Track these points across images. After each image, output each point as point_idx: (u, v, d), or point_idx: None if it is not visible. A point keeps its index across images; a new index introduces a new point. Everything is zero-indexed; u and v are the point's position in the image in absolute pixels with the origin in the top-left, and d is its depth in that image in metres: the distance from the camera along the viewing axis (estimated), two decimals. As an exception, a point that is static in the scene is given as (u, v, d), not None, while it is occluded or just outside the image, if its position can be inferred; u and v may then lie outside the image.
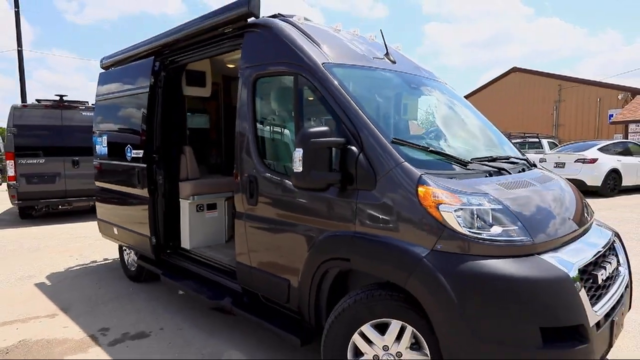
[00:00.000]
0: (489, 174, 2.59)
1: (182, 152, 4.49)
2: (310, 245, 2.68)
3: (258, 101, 3.16)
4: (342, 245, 2.51)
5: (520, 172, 2.91)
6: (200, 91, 4.92)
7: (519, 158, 3.21)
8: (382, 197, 2.34)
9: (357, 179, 2.41)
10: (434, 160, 2.53)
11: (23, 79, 17.60)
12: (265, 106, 3.22)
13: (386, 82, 3.25)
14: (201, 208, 4.50)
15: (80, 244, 7.05)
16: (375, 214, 2.37)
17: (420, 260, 2.14)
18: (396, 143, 2.43)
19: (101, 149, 5.00)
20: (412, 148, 2.49)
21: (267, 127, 3.20)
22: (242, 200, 3.16)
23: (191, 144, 4.89)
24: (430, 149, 2.58)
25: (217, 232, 4.64)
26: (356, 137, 2.46)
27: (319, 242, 2.62)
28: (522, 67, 27.73)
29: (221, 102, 5.96)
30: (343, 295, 2.57)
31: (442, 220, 2.15)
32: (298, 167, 2.44)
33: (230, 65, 5.18)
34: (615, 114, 20.44)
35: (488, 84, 29.48)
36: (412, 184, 2.26)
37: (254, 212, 3.08)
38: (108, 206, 5.09)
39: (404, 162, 2.33)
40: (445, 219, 2.15)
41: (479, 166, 2.65)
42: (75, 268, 5.69)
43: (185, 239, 4.42)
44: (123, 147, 4.50)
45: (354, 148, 2.43)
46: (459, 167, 2.54)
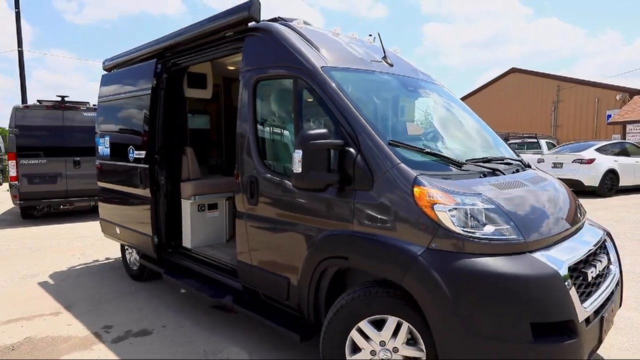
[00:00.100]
0: (483, 175, 2.66)
1: (184, 153, 4.57)
2: (309, 244, 2.75)
3: (258, 103, 3.23)
4: (340, 244, 2.58)
5: (514, 172, 2.98)
6: (201, 93, 5.00)
7: (513, 159, 3.29)
8: (379, 197, 2.42)
9: (355, 179, 2.49)
10: (430, 162, 2.61)
11: (23, 80, 17.65)
12: (266, 108, 3.29)
13: (383, 85, 3.32)
14: (202, 208, 4.57)
15: (82, 244, 7.12)
16: (373, 213, 2.44)
17: (416, 259, 2.22)
18: (393, 145, 2.51)
19: (104, 150, 5.08)
20: (408, 150, 2.56)
21: (268, 129, 3.28)
22: (242, 200, 3.23)
23: (192, 144, 4.96)
24: (425, 151, 2.66)
25: (218, 232, 4.71)
26: (354, 139, 2.53)
27: (318, 241, 2.69)
28: (520, 68, 27.83)
29: (222, 104, 6.04)
30: (341, 293, 2.64)
31: (436, 220, 2.23)
32: (297, 168, 2.52)
33: (230, 67, 5.26)
34: (613, 115, 20.53)
35: (487, 85, 29.58)
36: (408, 185, 2.33)
37: (254, 211, 3.16)
38: (110, 206, 5.16)
39: (400, 164, 2.40)
40: (440, 219, 2.22)
41: (473, 167, 2.73)
42: (78, 267, 5.76)
43: (187, 239, 4.49)
44: (125, 147, 4.57)
45: (351, 150, 2.51)
46: (454, 168, 2.62)
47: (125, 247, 5.27)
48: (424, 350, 2.34)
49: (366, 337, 2.47)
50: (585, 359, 2.19)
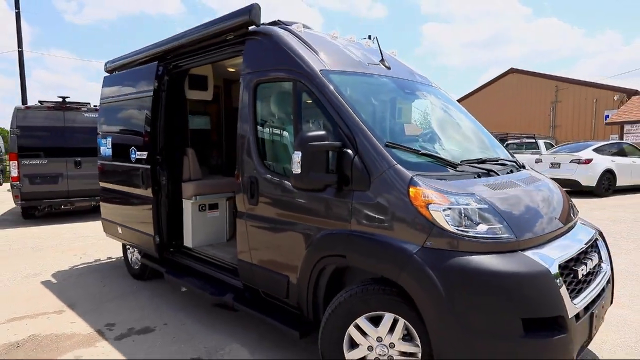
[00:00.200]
0: (477, 175, 2.73)
1: (185, 153, 4.64)
2: (308, 243, 2.82)
3: (259, 105, 3.30)
4: (338, 242, 2.65)
5: (508, 173, 3.05)
6: (202, 95, 5.07)
7: (508, 160, 3.36)
8: (376, 197, 2.49)
9: (353, 180, 2.56)
10: (425, 163, 2.68)
11: (23, 80, 17.70)
12: (266, 110, 3.36)
13: (381, 87, 3.39)
14: (203, 208, 4.65)
15: (84, 243, 7.19)
16: (370, 213, 2.51)
17: (411, 257, 2.29)
18: (389, 146, 2.58)
19: (106, 151, 5.15)
20: (404, 151, 2.64)
21: (267, 130, 3.35)
22: (243, 200, 3.30)
23: (193, 145, 5.03)
24: (421, 152, 2.73)
25: (218, 231, 4.79)
26: (352, 141, 2.60)
27: (317, 240, 2.76)
28: (519, 68, 27.93)
29: (222, 105, 6.11)
30: (339, 291, 2.71)
31: (431, 219, 2.30)
32: (297, 169, 2.59)
33: (231, 69, 5.34)
34: (611, 115, 20.63)
35: (486, 85, 29.68)
36: (404, 185, 2.40)
37: (254, 211, 3.23)
38: (112, 206, 5.23)
39: (396, 165, 2.48)
40: (435, 218, 2.30)
41: (468, 168, 2.80)
42: (80, 266, 5.82)
43: (188, 238, 4.56)
44: (127, 148, 4.64)
45: (349, 151, 2.58)
46: (449, 168, 2.69)
47: (127, 247, 5.34)
48: (420, 346, 2.41)
49: (363, 333, 2.54)
50: (575, 354, 2.27)
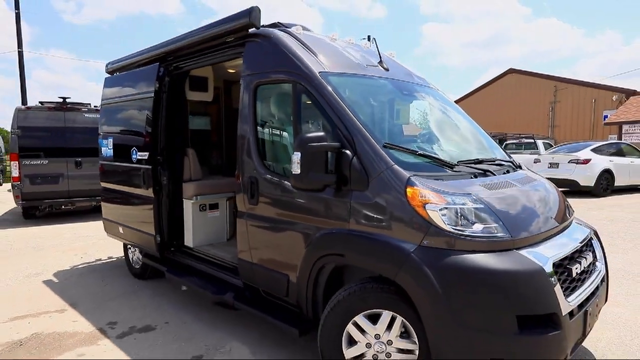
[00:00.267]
0: (474, 176, 2.78)
1: (186, 154, 4.69)
2: (307, 243, 2.87)
3: (259, 107, 3.34)
4: (337, 241, 2.70)
5: (505, 173, 3.10)
6: (202, 96, 5.12)
7: (505, 160, 3.41)
8: (374, 197, 2.54)
9: (351, 180, 2.61)
10: (422, 163, 2.73)
11: (23, 80, 17.74)
12: (266, 111, 3.40)
13: (379, 89, 3.44)
14: (204, 208, 4.69)
15: (84, 243, 7.23)
16: (368, 212, 2.56)
17: (408, 255, 2.34)
18: (387, 147, 2.63)
19: (107, 151, 5.19)
20: (402, 152, 2.69)
21: (267, 131, 3.39)
22: (243, 200, 3.35)
23: (193, 145, 5.07)
24: (418, 153, 2.78)
25: (218, 231, 4.83)
26: (350, 142, 2.65)
27: (316, 239, 2.81)
28: (518, 69, 27.99)
29: (222, 106, 6.16)
30: (339, 290, 2.75)
31: (428, 219, 2.35)
32: (296, 169, 2.64)
33: (231, 70, 5.38)
34: (610, 115, 20.68)
35: (485, 85, 29.73)
36: (401, 185, 2.45)
37: (254, 211, 3.27)
38: (113, 206, 5.27)
39: (394, 165, 2.52)
40: (431, 217, 2.34)
41: (464, 168, 2.85)
42: (81, 266, 5.87)
43: (189, 238, 4.61)
44: (129, 149, 4.68)
45: (348, 152, 2.62)
46: (446, 169, 2.74)
47: (128, 246, 5.38)
48: (417, 343, 2.46)
49: (362, 331, 2.58)
50: (569, 351, 2.32)
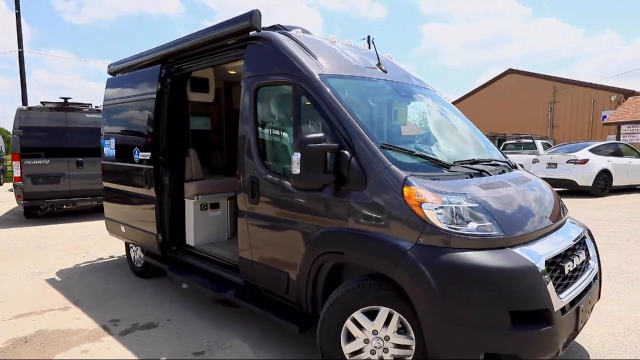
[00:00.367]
0: (469, 176, 2.85)
1: (187, 154, 4.75)
2: (307, 241, 2.94)
3: (259, 108, 3.41)
4: (336, 240, 2.77)
5: (500, 173, 3.17)
6: (204, 97, 5.19)
7: (501, 160, 3.47)
8: (371, 196, 2.60)
9: (350, 180, 2.67)
10: (419, 163, 2.79)
11: (24, 81, 17.81)
12: (266, 112, 3.47)
13: (377, 90, 3.51)
14: (205, 207, 4.76)
15: (86, 242, 7.30)
16: (366, 211, 2.63)
17: (405, 253, 2.41)
18: (385, 148, 2.70)
19: (109, 151, 5.25)
20: (399, 152, 2.75)
21: (268, 132, 3.46)
22: (244, 200, 3.42)
23: (194, 146, 5.15)
24: (415, 153, 2.85)
25: (219, 230, 4.90)
26: (349, 143, 2.72)
27: (315, 237, 2.87)
28: (517, 69, 28.07)
29: (222, 106, 6.23)
30: (337, 287, 2.81)
31: (424, 217, 2.41)
32: (296, 170, 2.71)
33: (231, 72, 5.45)
34: (609, 115, 20.76)
35: (484, 86, 29.81)
36: (398, 185, 2.52)
37: (255, 210, 3.34)
38: (116, 205, 5.33)
39: (391, 165, 2.59)
40: (427, 216, 2.41)
41: (461, 168, 2.91)
42: (83, 265, 5.93)
43: (190, 237, 4.68)
44: (131, 149, 4.75)
45: (346, 152, 2.69)
46: (442, 169, 2.81)
47: (130, 245, 5.45)
48: (413, 339, 2.52)
49: (360, 327, 2.65)
50: (560, 346, 2.38)
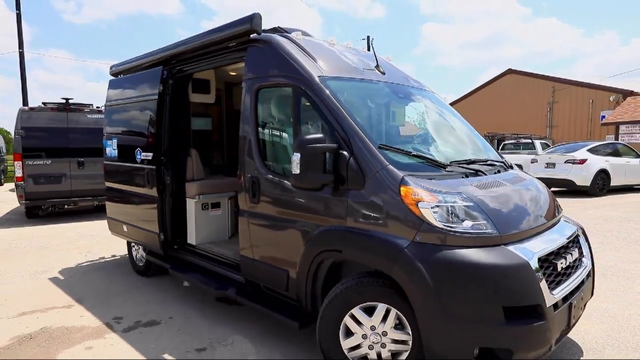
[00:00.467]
0: (465, 175, 2.92)
1: (189, 154, 4.82)
2: (306, 239, 3.01)
3: (260, 109, 3.48)
4: (335, 238, 2.84)
5: (496, 173, 3.24)
6: (205, 98, 5.26)
7: (497, 161, 3.54)
8: (369, 195, 2.67)
9: (348, 180, 2.74)
10: (416, 163, 2.86)
11: (24, 81, 17.86)
12: (267, 113, 3.54)
13: (375, 92, 3.57)
14: (206, 207, 4.83)
15: (88, 242, 7.36)
16: (364, 210, 2.70)
17: (402, 251, 2.48)
18: (382, 148, 2.77)
19: (111, 151, 5.32)
20: (396, 152, 2.82)
21: (268, 133, 3.53)
22: (245, 199, 3.48)
23: (195, 146, 5.21)
24: (412, 153, 2.92)
25: (220, 229, 4.97)
26: (347, 143, 2.79)
27: (315, 236, 2.94)
28: (516, 69, 28.13)
29: (223, 107, 6.30)
30: (336, 284, 2.89)
31: (420, 216, 2.49)
32: (296, 170, 2.78)
33: (232, 73, 5.52)
34: (607, 116, 20.83)
35: (483, 86, 29.85)
36: (395, 184, 2.59)
37: (256, 209, 3.41)
38: (118, 205, 5.40)
39: (388, 165, 2.66)
40: (424, 215, 2.48)
41: (457, 168, 2.99)
42: (85, 264, 6.00)
43: (192, 236, 4.75)
44: (133, 149, 4.81)
45: (345, 153, 2.76)
46: (439, 169, 2.88)
47: (132, 244, 5.51)
48: (410, 334, 2.59)
49: (358, 323, 2.72)
50: (553, 341, 2.45)
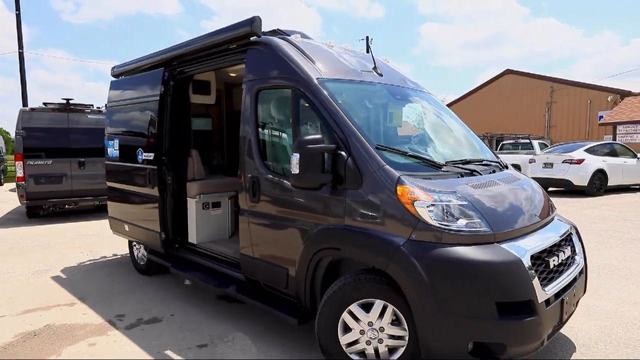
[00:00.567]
0: (460, 175, 3.00)
1: (189, 154, 4.89)
2: (305, 238, 3.08)
3: (260, 110, 3.55)
4: (333, 236, 2.91)
5: (491, 173, 3.31)
6: (205, 99, 5.33)
7: (492, 161, 3.62)
8: (367, 195, 2.75)
9: (346, 179, 2.82)
10: (412, 164, 2.94)
11: (24, 81, 17.93)
12: (266, 114, 3.60)
13: (373, 93, 3.64)
14: (207, 206, 4.90)
15: (89, 241, 7.43)
16: (362, 209, 2.77)
17: (398, 248, 2.55)
18: (379, 149, 2.84)
19: (113, 152, 5.39)
20: (393, 153, 2.90)
21: (268, 133, 3.60)
22: (245, 199, 3.55)
23: (195, 146, 5.28)
24: (408, 154, 2.99)
25: (221, 228, 5.04)
26: (345, 144, 2.86)
27: (314, 234, 3.01)
28: (515, 70, 28.25)
29: (223, 108, 6.37)
30: (335, 281, 2.95)
31: (416, 215, 2.56)
32: (295, 170, 2.85)
33: (232, 74, 5.59)
34: (605, 116, 20.93)
35: (482, 86, 29.98)
36: (392, 184, 2.66)
37: (256, 209, 3.48)
38: (119, 205, 5.46)
39: (385, 165, 2.73)
40: (420, 213, 2.55)
41: (452, 168, 3.06)
42: (87, 263, 6.06)
43: (192, 235, 4.81)
44: (134, 150, 4.88)
45: (343, 153, 2.83)
46: (435, 169, 2.95)
47: (133, 243, 5.58)
48: (407, 330, 2.66)
49: (356, 319, 2.79)
50: (545, 336, 2.53)
